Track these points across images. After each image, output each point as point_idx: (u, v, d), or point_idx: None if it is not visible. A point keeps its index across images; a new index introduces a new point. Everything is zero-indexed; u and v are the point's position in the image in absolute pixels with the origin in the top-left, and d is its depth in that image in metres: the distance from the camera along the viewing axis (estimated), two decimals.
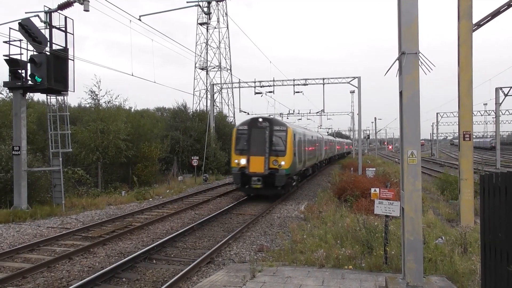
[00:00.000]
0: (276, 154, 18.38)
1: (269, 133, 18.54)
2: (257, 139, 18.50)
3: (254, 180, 18.14)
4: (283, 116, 48.45)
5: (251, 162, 18.26)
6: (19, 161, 15.89)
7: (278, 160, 18.25)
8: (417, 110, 6.63)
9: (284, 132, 18.81)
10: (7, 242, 11.50)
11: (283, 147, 18.53)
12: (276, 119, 20.10)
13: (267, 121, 18.99)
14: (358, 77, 30.78)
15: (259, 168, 18.09)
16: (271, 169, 18.16)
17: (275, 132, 18.70)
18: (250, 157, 18.35)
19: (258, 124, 18.91)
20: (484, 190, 5.79)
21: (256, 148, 18.40)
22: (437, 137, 75.69)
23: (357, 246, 9.58)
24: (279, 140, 18.61)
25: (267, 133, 18.54)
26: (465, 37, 12.92)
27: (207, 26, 46.24)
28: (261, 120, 19.03)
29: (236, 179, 18.81)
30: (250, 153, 18.44)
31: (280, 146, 18.56)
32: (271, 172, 18.13)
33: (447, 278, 7.65)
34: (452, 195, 18.45)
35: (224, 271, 8.53)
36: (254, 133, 18.70)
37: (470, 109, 13.31)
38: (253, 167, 18.19)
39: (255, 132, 18.70)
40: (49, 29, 16.44)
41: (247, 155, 18.44)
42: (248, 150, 18.53)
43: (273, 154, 18.33)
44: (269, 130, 18.62)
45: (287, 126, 19.23)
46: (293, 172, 19.80)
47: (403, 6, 6.61)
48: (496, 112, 38.55)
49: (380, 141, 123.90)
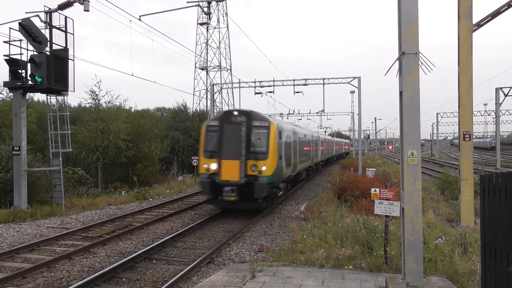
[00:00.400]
0: (256, 157, 14.62)
1: (247, 130, 14.82)
2: (230, 137, 14.80)
3: (227, 190, 14.35)
4: (283, 116, 48.39)
5: (223, 167, 14.55)
6: (19, 161, 15.89)
7: (258, 164, 14.51)
8: (417, 110, 6.63)
9: (265, 128, 15.04)
10: (7, 242, 11.51)
11: (264, 148, 14.79)
12: (256, 112, 15.81)
13: (243, 115, 15.11)
14: (358, 77, 30.75)
15: (233, 176, 14.38)
16: (249, 177, 14.42)
17: (255, 129, 14.97)
18: (221, 161, 14.61)
19: (232, 119, 15.09)
20: (484, 190, 5.79)
21: (230, 150, 14.67)
22: (437, 137, 75.66)
23: (357, 246, 9.58)
24: (260, 139, 14.93)
25: (243, 130, 14.77)
26: (465, 37, 12.93)
27: (207, 26, 46.21)
28: (236, 114, 15.20)
29: (205, 188, 14.91)
30: (221, 156, 14.68)
31: (260, 146, 14.84)
32: (248, 181, 14.37)
33: (447, 278, 7.65)
34: (452, 195, 18.45)
35: (224, 271, 8.53)
36: (227, 130, 14.95)
37: (470, 109, 13.31)
38: (226, 174, 14.47)
39: (229, 129, 14.94)
40: (49, 29, 16.45)
41: (218, 159, 14.70)
42: (220, 152, 14.76)
43: (252, 157, 14.61)
44: (246, 126, 14.85)
45: (269, 121, 15.33)
46: (278, 179, 16.11)
47: (403, 6, 6.61)
48: (496, 112, 38.54)
49: (380, 141, 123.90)
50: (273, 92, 34.36)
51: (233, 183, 14.35)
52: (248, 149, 14.68)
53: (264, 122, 15.21)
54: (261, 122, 15.17)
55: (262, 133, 15.01)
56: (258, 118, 15.32)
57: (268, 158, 14.70)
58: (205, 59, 46.16)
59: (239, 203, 14.65)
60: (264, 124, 15.13)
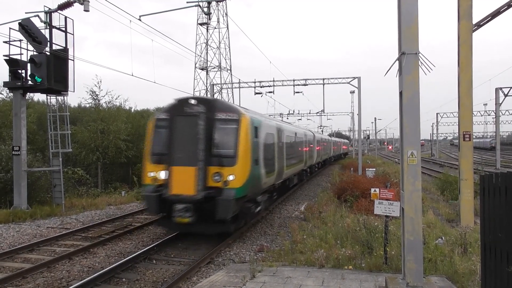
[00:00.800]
0: (220, 162, 10.77)
1: (207, 125, 10.90)
2: (184, 135, 10.98)
3: (179, 209, 10.42)
4: (283, 116, 48.36)
5: (174, 176, 10.65)
6: (19, 161, 15.90)
7: (223, 172, 10.67)
8: (417, 110, 6.63)
9: (234, 123, 11.13)
10: (7, 242, 11.51)
11: (231, 150, 10.90)
12: (221, 101, 12.53)
13: (203, 104, 11.13)
14: (358, 77, 30.76)
15: (187, 188, 10.49)
16: (210, 190, 10.53)
17: (219, 124, 11.09)
18: (172, 169, 10.73)
19: (186, 110, 11.14)
20: (484, 190, 5.79)
21: (183, 152, 10.82)
22: (437, 137, 75.69)
23: (357, 246, 9.59)
24: (226, 136, 11.11)
25: (202, 124, 10.84)
26: (465, 37, 12.93)
27: (207, 26, 46.20)
28: (193, 103, 11.17)
29: (151, 205, 10.93)
30: (172, 162, 10.79)
31: (227, 147, 10.98)
32: (209, 195, 10.45)
33: (447, 278, 7.65)
34: (452, 195, 18.45)
35: (224, 271, 8.53)
36: (180, 126, 11.07)
37: (470, 109, 13.32)
38: (177, 186, 10.58)
39: (182, 124, 11.07)
40: (49, 29, 16.46)
41: (168, 164, 10.82)
42: (170, 155, 10.88)
43: (214, 163, 10.75)
44: (206, 120, 10.90)
45: (240, 113, 11.35)
46: (253, 191, 11.97)
47: (403, 6, 6.62)
48: (496, 112, 38.55)
49: (380, 141, 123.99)
50: (273, 92, 34.38)
51: (186, 198, 10.41)
52: (209, 151, 10.78)
53: (232, 114, 11.27)
54: (228, 114, 11.25)
55: (229, 129, 11.11)
56: (224, 109, 11.37)
57: (238, 164, 10.78)
58: (205, 59, 46.15)
59: (196, 226, 10.68)
60: (232, 117, 11.19)
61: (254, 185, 11.89)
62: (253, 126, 11.95)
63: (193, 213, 10.45)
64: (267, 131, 13.89)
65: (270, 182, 14.27)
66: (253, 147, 11.69)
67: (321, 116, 56.86)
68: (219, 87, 41.77)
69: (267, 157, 13.52)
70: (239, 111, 11.60)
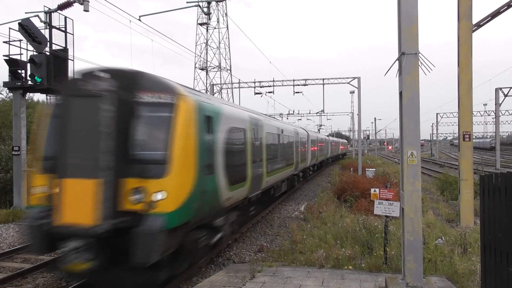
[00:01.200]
0: (142, 171, 6.70)
1: (119, 112, 6.72)
2: (81, 129, 6.70)
3: (71, 248, 6.49)
4: (283, 116, 48.30)
5: (65, 195, 6.50)
6: (19, 161, 15.90)
7: (147, 187, 6.64)
8: (417, 111, 6.63)
9: (167, 108, 7.07)
10: (7, 242, 11.50)
11: (160, 152, 6.87)
12: (146, 74, 7.40)
13: (114, 79, 6.74)
14: (358, 78, 30.77)
15: (83, 215, 6.36)
16: (124, 216, 6.55)
17: (141, 109, 7.04)
18: (62, 182, 6.55)
19: (87, 87, 6.77)
20: (484, 191, 5.80)
21: (78, 157, 6.60)
22: (436, 138, 75.73)
23: (357, 247, 9.59)
24: (153, 130, 7.10)
25: (109, 110, 6.61)
26: (465, 37, 12.94)
27: (207, 27, 46.19)
28: (100, 76, 6.78)
29: (34, 240, 6.90)
30: (62, 171, 6.61)
31: (152, 147, 6.99)
32: (120, 225, 6.44)
33: (447, 279, 7.66)
34: (452, 196, 18.46)
35: (224, 271, 8.53)
36: (75, 113, 6.81)
37: (470, 110, 13.32)
38: (69, 212, 6.46)
39: (78, 110, 6.79)
40: (49, 29, 16.47)
41: (57, 176, 6.65)
42: (59, 161, 6.73)
43: (132, 172, 6.69)
44: (117, 103, 6.69)
45: (177, 94, 7.20)
46: (204, 213, 8.03)
47: (403, 6, 6.62)
48: (496, 112, 38.58)
49: (380, 142, 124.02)
50: (273, 92, 34.43)
51: (81, 231, 6.36)
52: (123, 153, 6.73)
53: (163, 94, 7.11)
54: (157, 94, 7.09)
55: (158, 118, 7.11)
56: (151, 87, 7.16)
57: (172, 173, 6.75)
58: (205, 59, 46.14)
59: (103, 274, 6.72)
60: (164, 100, 7.08)
61: (205, 204, 7.92)
62: (203, 115, 8.04)
63: (96, 254, 6.45)
64: (233, 124, 10.05)
65: (240, 196, 10.61)
66: (202, 147, 7.78)
67: (321, 116, 56.92)
68: (219, 87, 41.77)
69: (233, 162, 9.73)
70: (176, 90, 7.27)
